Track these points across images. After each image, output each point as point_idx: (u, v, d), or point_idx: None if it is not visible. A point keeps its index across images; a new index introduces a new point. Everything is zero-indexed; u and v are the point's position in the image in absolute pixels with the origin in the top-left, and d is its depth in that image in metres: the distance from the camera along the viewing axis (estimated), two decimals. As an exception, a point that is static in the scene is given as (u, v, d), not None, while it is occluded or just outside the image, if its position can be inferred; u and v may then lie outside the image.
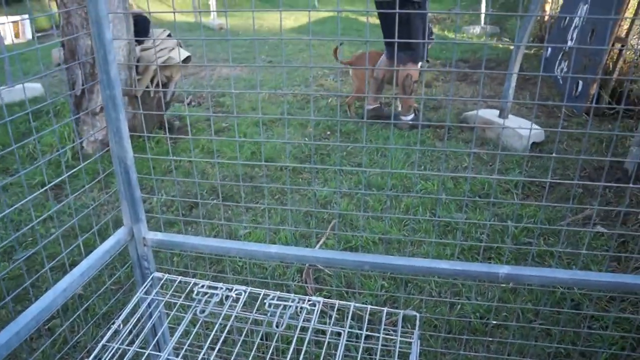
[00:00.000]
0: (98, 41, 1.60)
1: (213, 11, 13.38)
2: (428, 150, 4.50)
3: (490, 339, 2.36)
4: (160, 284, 2.05)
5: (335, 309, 1.72)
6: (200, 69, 8.63)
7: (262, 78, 7.56)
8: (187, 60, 5.26)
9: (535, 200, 3.67)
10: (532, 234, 3.23)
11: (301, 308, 1.74)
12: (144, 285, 2.04)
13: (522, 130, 4.60)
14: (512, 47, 5.62)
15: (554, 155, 1.71)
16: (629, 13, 5.04)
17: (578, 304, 2.62)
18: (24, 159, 5.05)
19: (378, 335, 1.46)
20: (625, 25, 5.05)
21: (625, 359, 2.31)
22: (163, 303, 2.09)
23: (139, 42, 4.98)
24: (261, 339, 2.31)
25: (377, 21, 5.44)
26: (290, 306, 1.75)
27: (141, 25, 4.76)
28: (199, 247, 1.92)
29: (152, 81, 5.06)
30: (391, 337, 1.52)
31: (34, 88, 6.82)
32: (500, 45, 8.87)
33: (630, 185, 1.66)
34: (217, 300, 1.85)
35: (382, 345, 1.47)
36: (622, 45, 5.05)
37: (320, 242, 3.14)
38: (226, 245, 1.86)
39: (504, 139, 4.66)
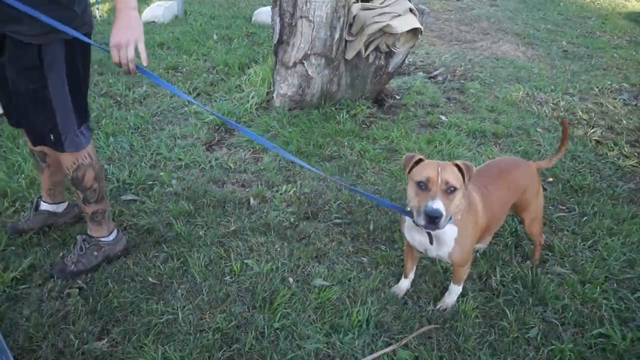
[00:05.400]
0: None
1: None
2: None
3: None
4: None
5: None
6: (481, 37, 7.47)
7: (539, 71, 6.11)
8: (416, 32, 4.32)
9: None
10: None
11: None
12: None
13: None
14: None
15: None
16: None
17: None
18: (231, 89, 4.91)
19: None
20: None
21: None
22: None
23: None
24: None
25: None
26: None
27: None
28: None
29: (368, 46, 4.29)
30: None
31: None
32: None
33: None
34: None
35: None
36: None
37: None
38: None
39: None
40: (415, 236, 2.26)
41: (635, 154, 4.08)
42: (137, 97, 4.73)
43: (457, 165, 2.02)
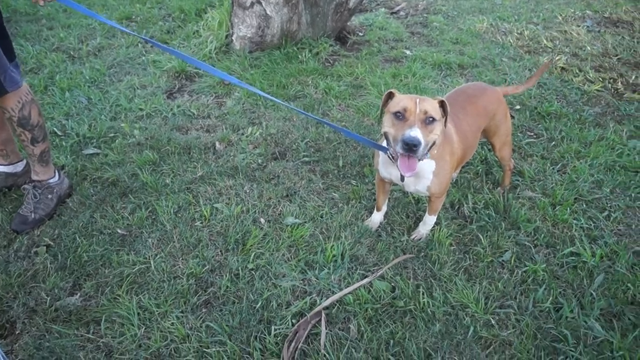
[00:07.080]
0: None
1: None
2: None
3: None
4: None
5: None
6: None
7: (502, 1, 6.03)
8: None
9: None
10: None
11: None
12: None
13: None
14: None
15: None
16: None
17: None
18: (189, 35, 4.73)
19: None
20: None
21: None
22: None
23: None
24: None
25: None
26: None
27: None
28: None
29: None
30: None
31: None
32: None
33: None
34: None
35: None
36: None
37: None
38: None
39: None
40: (392, 171, 2.21)
41: (600, 78, 4.09)
42: (91, 50, 4.53)
43: (440, 101, 1.97)
